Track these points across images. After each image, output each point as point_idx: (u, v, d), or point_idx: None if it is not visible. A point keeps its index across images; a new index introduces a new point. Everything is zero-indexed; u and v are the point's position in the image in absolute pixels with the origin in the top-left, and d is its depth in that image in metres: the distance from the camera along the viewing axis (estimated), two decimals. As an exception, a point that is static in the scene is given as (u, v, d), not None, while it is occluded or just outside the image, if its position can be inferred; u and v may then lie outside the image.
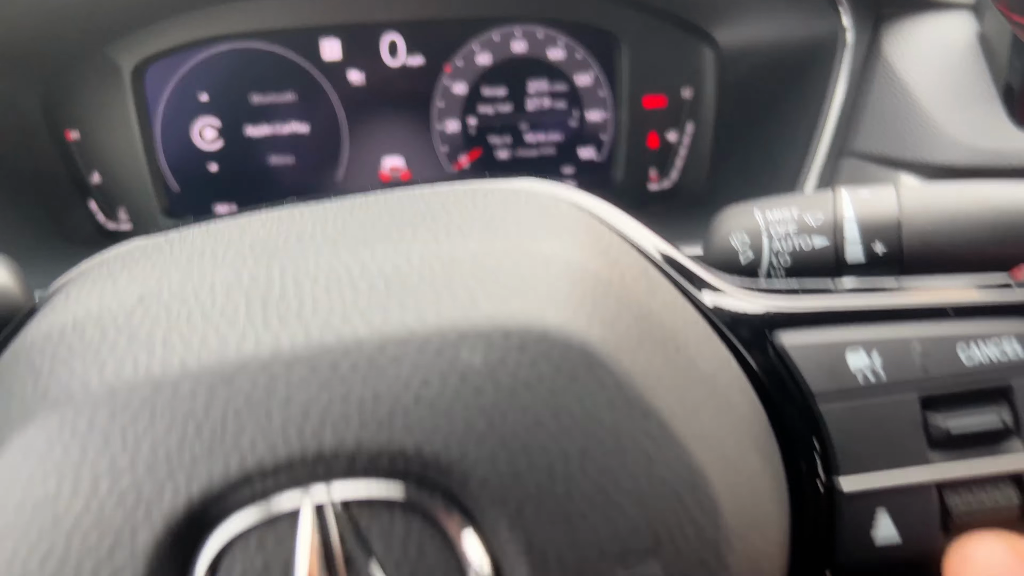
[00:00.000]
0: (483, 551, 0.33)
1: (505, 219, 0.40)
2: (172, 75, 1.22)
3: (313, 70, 1.24)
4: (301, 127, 1.26)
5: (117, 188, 1.22)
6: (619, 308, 0.36)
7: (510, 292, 0.35)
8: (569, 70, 1.29)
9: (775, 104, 1.08)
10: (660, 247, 0.48)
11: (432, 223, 0.39)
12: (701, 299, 0.44)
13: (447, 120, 1.29)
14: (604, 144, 1.32)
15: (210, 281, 0.36)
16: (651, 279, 0.42)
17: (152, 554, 0.31)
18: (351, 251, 0.37)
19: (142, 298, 0.36)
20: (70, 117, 1.19)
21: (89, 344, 0.35)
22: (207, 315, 0.35)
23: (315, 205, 0.47)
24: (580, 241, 0.40)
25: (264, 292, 0.35)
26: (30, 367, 0.35)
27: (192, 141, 1.24)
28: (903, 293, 0.44)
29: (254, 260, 0.37)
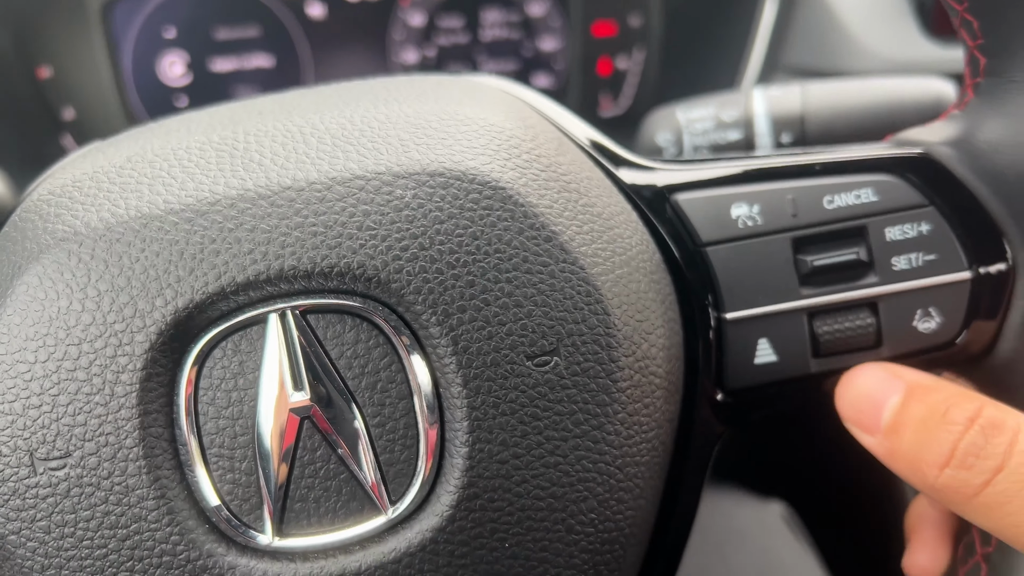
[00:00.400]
0: (420, 350, 0.41)
1: (437, 93, 0.47)
2: (139, 12, 1.26)
3: (275, 5, 1.29)
4: (266, 61, 1.32)
5: (90, 123, 1.27)
6: (529, 159, 0.44)
7: (437, 143, 0.42)
8: (522, 0, 1.35)
9: (714, 27, 1.15)
10: (581, 127, 0.56)
11: (372, 96, 0.46)
12: (613, 171, 0.51)
13: (405, 51, 1.34)
14: (558, 72, 1.39)
15: (186, 143, 0.43)
16: (562, 144, 0.49)
17: (147, 356, 0.39)
18: (303, 117, 0.44)
19: (129, 158, 0.43)
20: (42, 55, 1.24)
21: (87, 194, 0.42)
22: (185, 167, 0.42)
23: (274, 94, 0.54)
24: (501, 110, 0.47)
25: (231, 148, 0.42)
26: (39, 214, 0.42)
27: (160, 76, 1.29)
28: (779, 157, 0.52)
29: (222, 127, 0.44)
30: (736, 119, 0.73)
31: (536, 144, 0.46)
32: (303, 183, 0.40)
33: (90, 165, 0.44)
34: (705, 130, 0.74)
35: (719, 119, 0.74)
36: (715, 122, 0.74)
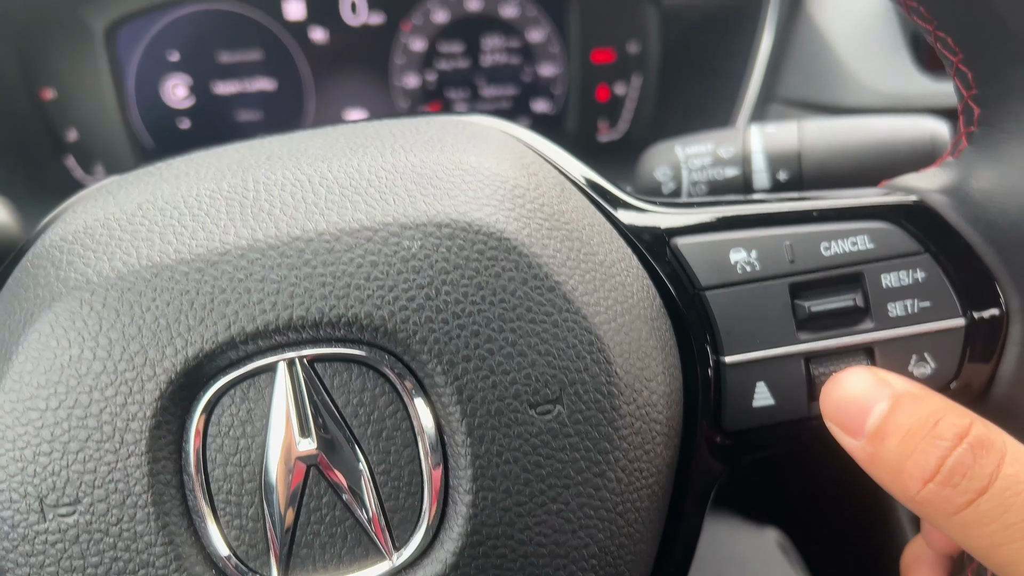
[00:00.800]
0: (425, 398, 0.41)
1: (441, 140, 0.48)
2: (143, 35, 1.27)
3: (278, 29, 1.30)
4: (268, 84, 1.33)
5: (93, 144, 1.28)
6: (533, 208, 0.45)
7: (443, 193, 0.43)
8: (522, 26, 1.36)
9: (711, 57, 1.16)
10: (580, 169, 0.57)
11: (380, 143, 0.47)
12: (612, 212, 0.52)
13: (406, 75, 1.36)
14: (557, 97, 1.40)
15: (196, 191, 0.44)
16: (565, 190, 0.50)
17: (157, 404, 0.39)
18: (312, 165, 0.45)
19: (140, 205, 0.44)
20: (46, 77, 1.25)
21: (99, 242, 0.42)
22: (195, 216, 0.43)
23: (282, 135, 0.54)
24: (504, 157, 0.48)
25: (241, 197, 0.43)
26: (51, 261, 0.43)
27: (164, 99, 1.30)
28: (777, 203, 0.53)
29: (231, 174, 0.45)
30: (733, 156, 0.74)
31: (539, 193, 0.46)
32: (312, 233, 0.41)
33: (101, 211, 0.45)
34: (703, 166, 0.75)
35: (717, 155, 0.75)
36: (713, 158, 0.75)
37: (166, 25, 1.27)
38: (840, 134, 0.72)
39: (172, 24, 1.28)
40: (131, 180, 0.49)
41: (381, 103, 1.36)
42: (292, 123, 1.35)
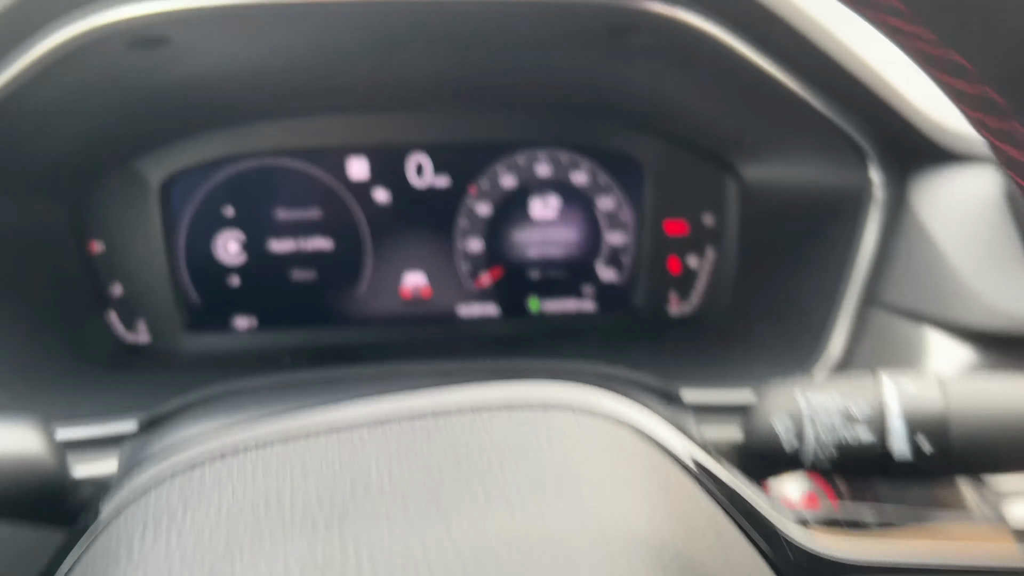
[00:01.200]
0: None
1: (572, 479, 0.39)
2: (199, 189, 1.23)
3: (339, 188, 1.25)
4: (324, 243, 1.27)
5: (138, 300, 1.22)
6: None
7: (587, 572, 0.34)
8: (592, 193, 1.30)
9: (801, 245, 1.08)
10: (732, 483, 0.48)
11: (503, 486, 0.39)
12: (769, 542, 0.43)
13: (470, 239, 1.29)
14: (625, 267, 1.33)
15: (283, 557, 0.35)
16: (718, 532, 0.41)
17: None
18: (424, 520, 0.36)
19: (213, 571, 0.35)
20: (95, 229, 1.19)
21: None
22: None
23: (368, 408, 0.46)
24: (646, 504, 0.39)
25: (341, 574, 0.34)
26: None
27: (215, 254, 1.25)
28: (967, 546, 0.44)
29: (325, 526, 0.36)
30: (867, 415, 0.65)
31: (689, 549, 0.37)
32: None
33: (163, 548, 0.36)
34: (831, 425, 0.66)
35: (847, 412, 0.66)
36: (842, 415, 0.66)
37: (224, 179, 1.23)
38: (996, 399, 0.63)
39: (230, 178, 1.23)
40: (195, 490, 0.41)
41: (442, 267, 1.29)
42: (347, 284, 1.28)
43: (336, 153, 1.24)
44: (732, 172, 1.25)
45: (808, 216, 1.08)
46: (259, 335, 1.27)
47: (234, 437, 0.46)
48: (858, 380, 0.68)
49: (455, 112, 1.25)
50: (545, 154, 1.28)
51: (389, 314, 1.30)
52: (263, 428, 0.46)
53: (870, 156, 0.94)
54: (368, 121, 1.23)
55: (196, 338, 1.24)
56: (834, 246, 1.02)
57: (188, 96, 0.99)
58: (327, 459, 0.41)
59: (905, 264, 0.95)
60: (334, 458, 0.41)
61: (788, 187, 1.13)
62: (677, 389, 0.93)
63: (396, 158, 1.26)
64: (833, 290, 1.00)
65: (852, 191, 0.99)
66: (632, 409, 0.49)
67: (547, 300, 1.33)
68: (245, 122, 1.19)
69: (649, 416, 0.50)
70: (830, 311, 0.99)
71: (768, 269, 1.16)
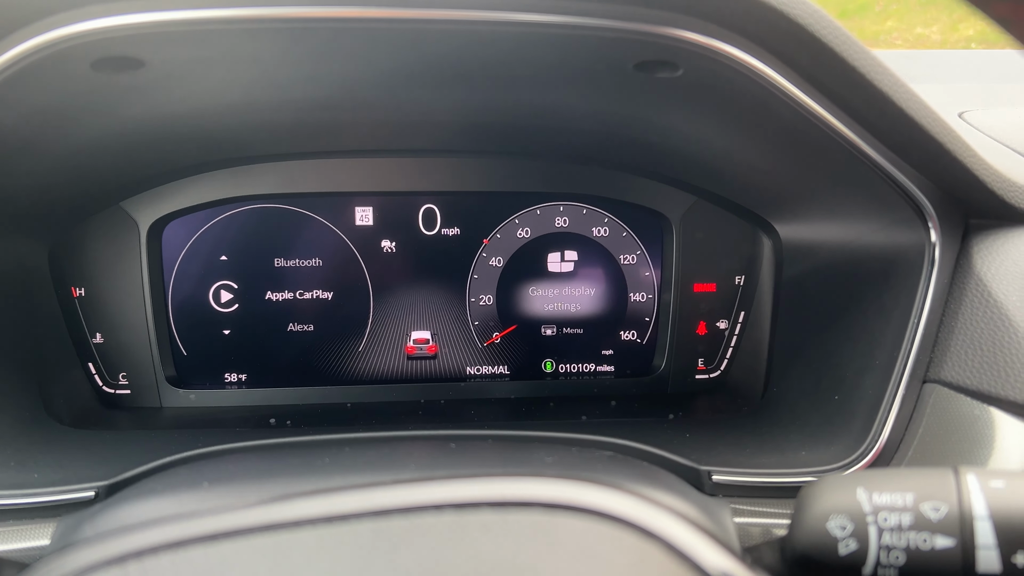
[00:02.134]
0: None
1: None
2: (191, 233, 1.14)
3: (343, 235, 1.16)
4: (324, 293, 1.17)
5: (120, 351, 1.13)
6: None
7: None
8: (613, 248, 1.21)
9: (846, 311, 0.98)
10: None
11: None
12: None
13: (481, 293, 1.20)
14: (647, 328, 1.22)
15: None
16: None
17: None
18: None
19: None
20: (78, 273, 1.11)
21: None
22: None
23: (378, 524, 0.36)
24: None
25: None
26: None
27: (206, 303, 1.15)
28: None
29: None
30: (946, 518, 0.54)
31: None
32: None
33: None
34: (900, 526, 0.55)
35: (920, 513, 0.55)
36: (914, 516, 0.55)
37: (218, 223, 1.14)
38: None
39: (225, 222, 1.14)
40: None
41: (450, 322, 1.20)
42: (347, 338, 1.18)
43: (339, 199, 1.16)
44: (766, 228, 1.15)
45: (854, 279, 0.98)
46: (248, 392, 1.17)
47: (170, 530, 0.36)
48: (932, 475, 0.57)
49: (471, 158, 1.16)
50: (564, 206, 1.19)
51: (391, 372, 1.20)
52: (203, 523, 0.36)
53: (929, 213, 0.84)
54: (375, 165, 1.15)
55: (179, 393, 1.15)
56: (885, 313, 0.92)
57: (176, 130, 0.91)
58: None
59: (967, 335, 0.85)
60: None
61: (831, 247, 1.03)
62: (707, 471, 0.82)
63: (405, 206, 1.17)
64: (884, 363, 0.89)
65: (907, 252, 0.89)
66: (662, 517, 0.38)
67: (562, 361, 1.22)
68: (241, 163, 1.11)
69: (681, 527, 0.40)
70: (880, 387, 0.88)
71: (807, 336, 1.06)
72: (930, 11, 6.46)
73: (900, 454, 0.83)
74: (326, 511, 0.35)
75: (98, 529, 0.53)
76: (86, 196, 1.06)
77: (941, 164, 0.79)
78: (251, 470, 0.63)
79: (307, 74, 0.78)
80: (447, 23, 0.68)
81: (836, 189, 0.94)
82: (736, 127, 0.90)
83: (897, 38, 6.26)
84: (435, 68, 0.80)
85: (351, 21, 0.65)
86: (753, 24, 0.70)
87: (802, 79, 0.74)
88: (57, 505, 0.75)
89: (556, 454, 0.68)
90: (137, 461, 0.78)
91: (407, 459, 0.63)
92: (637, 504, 0.40)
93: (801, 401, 1.01)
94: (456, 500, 0.35)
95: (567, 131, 1.04)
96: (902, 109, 0.74)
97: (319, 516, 0.35)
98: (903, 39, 6.22)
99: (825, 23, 0.69)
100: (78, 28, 0.60)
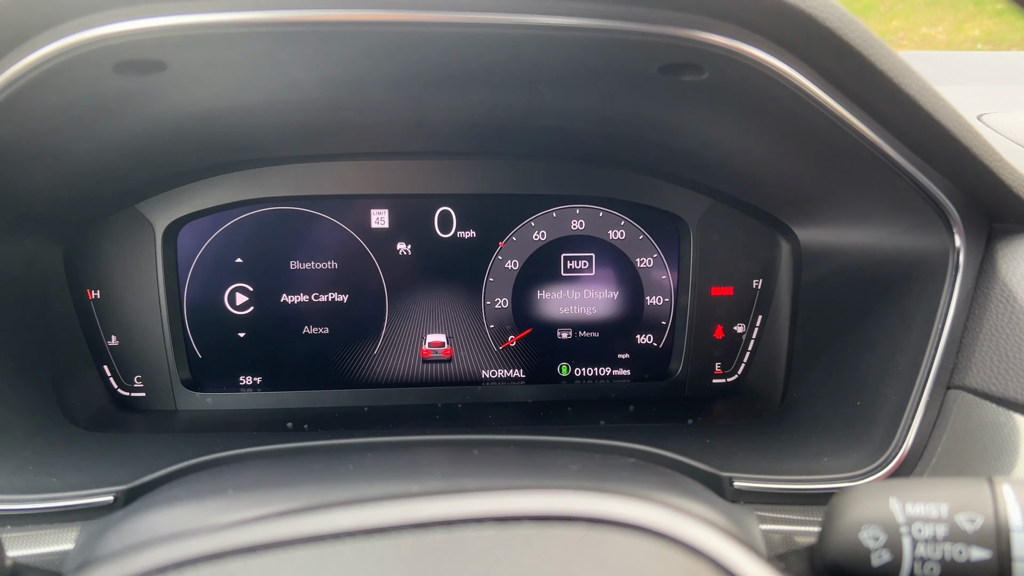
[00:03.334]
0: None
1: None
2: (206, 236, 1.14)
3: (359, 238, 1.16)
4: (339, 296, 1.17)
5: (135, 353, 1.12)
6: None
7: None
8: (629, 251, 1.20)
9: (868, 316, 0.97)
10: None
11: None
12: None
13: (497, 296, 1.19)
14: (663, 330, 1.22)
15: None
16: None
17: None
18: None
19: None
20: (94, 275, 1.10)
21: None
22: None
23: None
24: None
25: None
26: None
27: (221, 306, 1.15)
28: None
29: None
30: (982, 529, 0.54)
31: None
32: None
33: None
34: (935, 537, 0.54)
35: (954, 524, 0.54)
36: (949, 527, 0.54)
37: (233, 225, 1.13)
38: None
39: (240, 224, 1.14)
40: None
41: (466, 325, 1.19)
42: (362, 340, 1.18)
43: (355, 201, 1.15)
44: (785, 232, 1.14)
45: (875, 283, 0.97)
46: (263, 395, 1.17)
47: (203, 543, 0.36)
48: (966, 485, 0.56)
49: (487, 160, 1.16)
50: (580, 209, 1.19)
51: (406, 376, 1.19)
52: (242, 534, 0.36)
53: (953, 217, 0.83)
54: (390, 167, 1.14)
55: (195, 396, 1.14)
56: (907, 318, 0.91)
57: (194, 132, 0.91)
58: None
59: (991, 341, 0.84)
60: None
61: (852, 250, 1.02)
62: (729, 477, 0.81)
63: (421, 208, 1.16)
64: (907, 368, 0.88)
65: (930, 256, 0.88)
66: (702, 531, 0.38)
67: (578, 365, 1.22)
68: (257, 165, 1.10)
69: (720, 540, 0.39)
70: (903, 393, 0.87)
71: (827, 340, 1.05)
72: (935, 11, 6.43)
73: (924, 461, 0.82)
74: (367, 523, 0.35)
75: (127, 538, 0.53)
76: (102, 198, 1.05)
77: (966, 168, 0.78)
78: (275, 477, 0.63)
79: (327, 76, 0.78)
80: (471, 26, 0.67)
81: (857, 192, 0.93)
82: (758, 130, 0.90)
83: (902, 38, 6.23)
84: (457, 71, 0.80)
85: (374, 24, 0.64)
86: (780, 27, 0.69)
87: (828, 82, 0.74)
88: (76, 510, 0.75)
89: (580, 461, 0.67)
90: (154, 465, 0.78)
91: (432, 466, 0.63)
92: (677, 518, 0.40)
93: (821, 406, 1.00)
94: (498, 514, 0.35)
95: (585, 133, 1.03)
96: (929, 113, 0.73)
97: (360, 528, 0.35)
98: (908, 39, 6.19)
99: (853, 26, 0.68)
100: (103, 31, 0.59)
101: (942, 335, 0.85)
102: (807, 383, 1.07)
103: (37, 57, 0.61)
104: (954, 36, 5.98)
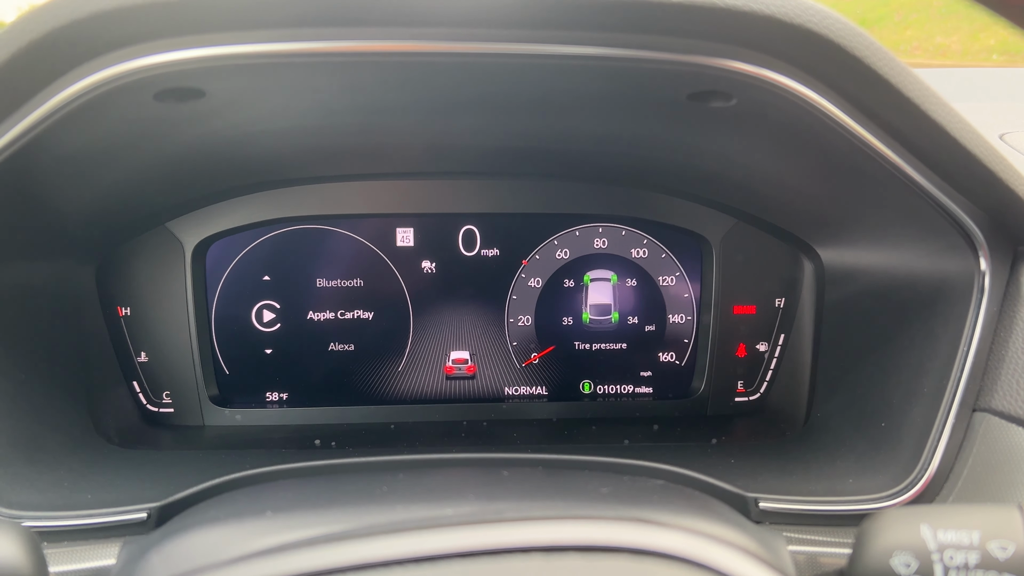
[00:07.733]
0: None
1: None
2: (235, 254, 1.15)
3: (384, 256, 1.17)
4: (365, 313, 1.18)
5: (164, 369, 1.14)
6: None
7: None
8: (652, 270, 1.21)
9: (892, 337, 0.97)
10: None
11: None
12: None
13: (520, 314, 1.20)
14: (685, 349, 1.22)
15: None
16: None
17: None
18: None
19: None
20: (124, 293, 1.12)
21: None
22: None
23: None
24: None
25: None
26: None
27: (248, 323, 1.16)
28: None
29: None
30: (1014, 557, 0.54)
31: None
32: None
33: None
34: (967, 564, 0.55)
35: (986, 552, 0.55)
36: (981, 555, 0.55)
37: (261, 243, 1.15)
38: None
39: (268, 243, 1.15)
40: None
41: (489, 343, 1.20)
42: (387, 357, 1.19)
43: (381, 220, 1.17)
44: (808, 252, 1.15)
45: (899, 305, 0.98)
46: (289, 411, 1.18)
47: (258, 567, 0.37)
48: (997, 513, 0.57)
49: (511, 180, 1.17)
50: (603, 228, 1.20)
51: (429, 392, 1.20)
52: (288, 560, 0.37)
53: (979, 240, 0.84)
54: (417, 187, 1.16)
55: (222, 412, 1.15)
56: (933, 340, 0.91)
57: (227, 154, 0.92)
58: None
59: (1018, 364, 0.84)
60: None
61: (875, 272, 1.02)
62: (754, 498, 0.82)
63: (445, 227, 1.18)
64: (932, 390, 0.88)
65: (955, 279, 0.89)
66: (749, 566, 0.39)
67: (601, 382, 1.23)
68: (286, 185, 1.12)
69: None
70: (929, 415, 0.87)
71: (850, 361, 1.05)
72: (950, 21, 6.39)
73: (950, 484, 0.83)
74: (416, 551, 0.36)
75: (170, 561, 0.54)
76: (133, 218, 1.07)
77: (992, 191, 0.78)
78: (311, 498, 0.64)
79: (361, 102, 0.79)
80: (502, 56, 0.68)
81: (882, 214, 0.93)
82: (784, 153, 0.91)
83: (917, 48, 6.20)
84: (489, 98, 0.81)
85: (411, 55, 0.66)
86: (808, 55, 0.70)
87: (854, 108, 0.74)
88: (111, 526, 0.76)
89: (610, 484, 0.68)
90: (185, 482, 0.79)
91: (465, 487, 0.63)
92: (720, 550, 0.40)
93: (846, 427, 1.01)
94: (545, 544, 0.36)
95: (609, 155, 1.05)
96: (955, 138, 0.73)
97: (409, 556, 0.36)
98: (922, 49, 6.17)
99: (880, 54, 0.69)
100: (147, 61, 0.61)
101: (968, 357, 0.85)
102: (831, 403, 1.08)
103: (81, 87, 0.62)
104: (969, 46, 5.94)
